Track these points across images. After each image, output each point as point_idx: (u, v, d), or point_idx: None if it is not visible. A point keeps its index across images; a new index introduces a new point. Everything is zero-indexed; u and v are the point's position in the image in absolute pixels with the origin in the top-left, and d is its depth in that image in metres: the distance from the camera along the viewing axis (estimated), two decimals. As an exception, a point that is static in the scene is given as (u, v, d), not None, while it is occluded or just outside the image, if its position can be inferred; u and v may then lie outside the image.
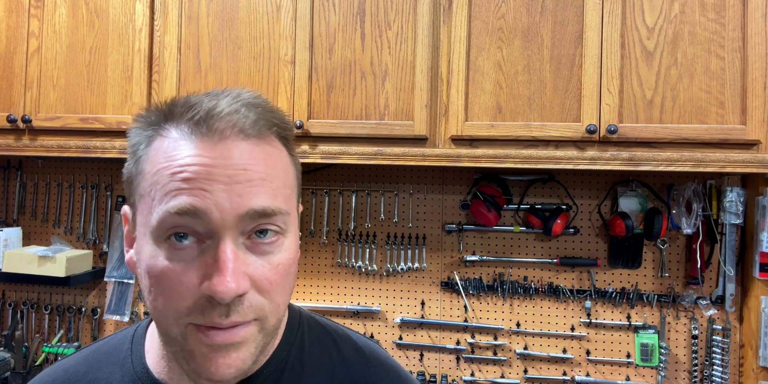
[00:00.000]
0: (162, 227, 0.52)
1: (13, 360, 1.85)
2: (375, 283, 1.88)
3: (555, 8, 1.46)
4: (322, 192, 1.90)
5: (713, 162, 1.39)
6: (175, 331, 0.54)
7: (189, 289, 0.52)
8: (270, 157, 0.56)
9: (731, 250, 1.64)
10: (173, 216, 0.52)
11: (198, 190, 0.52)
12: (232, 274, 0.51)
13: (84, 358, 0.69)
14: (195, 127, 0.54)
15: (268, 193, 0.54)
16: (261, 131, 0.56)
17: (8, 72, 1.71)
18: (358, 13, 1.54)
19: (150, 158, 0.55)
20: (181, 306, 0.52)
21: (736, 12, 1.39)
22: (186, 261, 0.53)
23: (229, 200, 0.52)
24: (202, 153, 0.53)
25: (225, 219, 0.52)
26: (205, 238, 0.53)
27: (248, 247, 0.54)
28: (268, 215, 0.54)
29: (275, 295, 0.55)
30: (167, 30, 1.62)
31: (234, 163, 0.53)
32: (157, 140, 0.56)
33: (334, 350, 0.69)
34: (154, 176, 0.54)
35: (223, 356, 0.53)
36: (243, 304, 0.52)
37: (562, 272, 1.78)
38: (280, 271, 0.55)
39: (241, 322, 0.53)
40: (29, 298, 2.06)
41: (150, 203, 0.54)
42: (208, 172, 0.52)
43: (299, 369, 0.65)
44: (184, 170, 0.52)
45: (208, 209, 0.51)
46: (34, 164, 2.07)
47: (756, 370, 1.57)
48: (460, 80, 1.49)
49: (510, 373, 1.79)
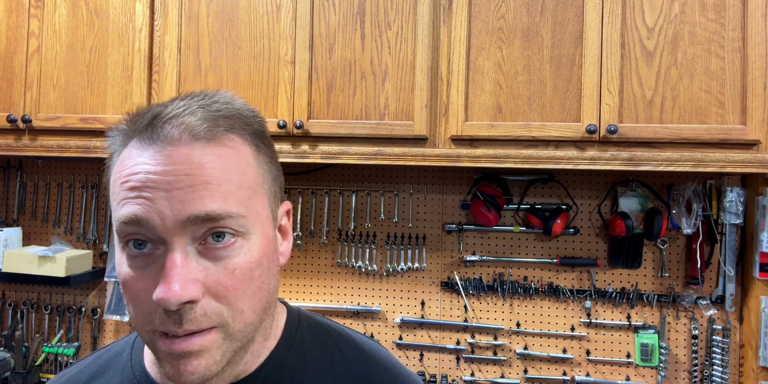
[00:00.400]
0: (119, 235, 0.54)
1: (13, 360, 1.85)
2: (375, 283, 1.88)
3: (555, 8, 1.46)
4: (322, 192, 1.90)
5: (713, 162, 1.39)
6: (146, 338, 0.55)
7: (147, 295, 0.52)
8: (220, 159, 0.55)
9: (731, 250, 1.64)
10: (123, 225, 0.53)
11: (140, 198, 0.52)
12: (177, 280, 0.50)
13: (87, 367, 0.70)
14: (143, 133, 0.55)
15: (214, 197, 0.53)
16: (211, 132, 0.55)
17: (8, 72, 1.71)
18: (358, 13, 1.54)
19: (113, 170, 0.57)
20: (144, 312, 0.53)
21: (736, 12, 1.39)
22: (142, 268, 0.53)
23: (170, 207, 0.51)
24: (146, 160, 0.53)
25: (167, 226, 0.51)
26: (158, 244, 0.53)
27: (201, 253, 0.53)
28: (214, 219, 0.53)
29: (235, 301, 0.54)
30: (167, 30, 1.62)
31: (175, 169, 0.52)
32: (122, 151, 0.57)
33: (335, 349, 0.69)
34: (113, 187, 0.56)
35: (184, 363, 0.52)
36: (196, 312, 0.51)
37: (562, 272, 1.78)
38: (237, 276, 0.54)
39: (195, 330, 0.52)
40: (29, 298, 2.06)
41: (113, 213, 0.55)
42: (149, 179, 0.52)
43: (301, 368, 0.65)
44: (129, 179, 0.53)
45: (149, 218, 0.51)
46: (34, 164, 2.07)
47: (756, 370, 1.57)
48: (460, 80, 1.49)
49: (510, 373, 1.79)
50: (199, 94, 0.58)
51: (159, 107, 0.56)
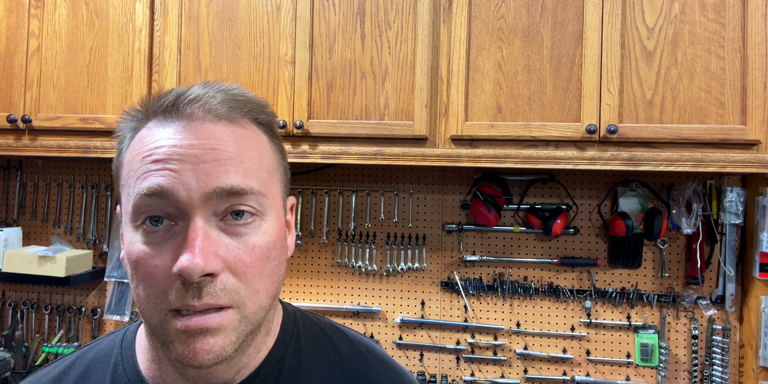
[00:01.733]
0: (137, 211, 0.53)
1: (13, 360, 1.85)
2: (375, 283, 1.88)
3: (555, 8, 1.46)
4: (322, 192, 1.90)
5: (713, 162, 1.39)
6: (156, 319, 0.53)
7: (164, 272, 0.52)
8: (242, 139, 0.57)
9: (731, 250, 1.64)
10: (144, 198, 0.53)
11: (165, 170, 0.52)
12: (200, 252, 0.50)
13: (70, 366, 0.66)
14: (166, 112, 0.56)
15: (239, 173, 0.54)
16: (232, 113, 0.57)
17: (8, 72, 1.71)
18: (358, 13, 1.54)
19: (130, 149, 0.58)
20: (157, 290, 0.52)
21: (736, 12, 1.39)
22: (159, 243, 0.53)
23: (196, 179, 0.52)
24: (170, 135, 0.54)
25: (192, 198, 0.52)
26: (177, 219, 0.53)
27: (222, 229, 0.54)
28: (238, 194, 0.53)
29: (252, 279, 0.54)
30: (167, 30, 1.62)
31: (201, 143, 0.54)
32: (138, 133, 0.58)
33: (331, 348, 0.69)
34: (131, 164, 0.56)
35: (200, 341, 0.52)
36: (216, 285, 0.52)
37: (562, 272, 1.78)
38: (256, 254, 0.55)
39: (215, 304, 0.52)
40: (29, 298, 2.06)
41: (128, 191, 0.55)
42: (175, 152, 0.53)
43: (297, 368, 0.65)
44: (153, 153, 0.54)
45: (174, 188, 0.52)
46: (34, 164, 2.07)
47: (756, 370, 1.57)
48: (460, 80, 1.49)
49: (510, 373, 1.79)
50: (216, 83, 0.60)
51: (180, 89, 0.57)
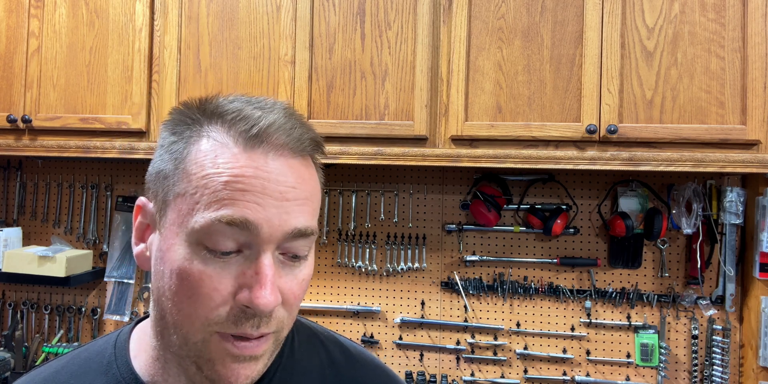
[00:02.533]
0: (205, 232, 0.52)
1: (13, 360, 1.85)
2: (375, 283, 1.88)
3: (555, 8, 1.46)
4: (322, 192, 1.89)
5: (713, 162, 1.39)
6: (198, 338, 0.53)
7: (223, 296, 0.52)
8: (311, 178, 0.58)
9: (731, 250, 1.64)
10: (221, 224, 0.51)
11: (251, 203, 0.52)
12: (273, 289, 0.52)
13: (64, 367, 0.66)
14: (250, 140, 0.54)
15: (310, 213, 0.56)
16: (306, 150, 0.57)
17: (8, 72, 1.71)
18: (358, 13, 1.54)
19: (196, 160, 0.54)
20: (211, 313, 0.52)
21: (736, 12, 1.39)
22: (222, 268, 0.53)
23: (279, 217, 0.53)
24: (257, 165, 0.53)
25: (272, 234, 0.52)
26: (244, 248, 0.53)
27: (281, 262, 0.55)
28: (306, 235, 0.55)
29: (294, 309, 0.57)
30: (167, 30, 1.62)
31: (286, 180, 0.54)
32: (203, 142, 0.55)
33: (323, 351, 0.70)
34: (203, 180, 0.53)
35: (245, 367, 0.54)
36: (272, 316, 0.54)
37: (562, 272, 1.78)
38: (303, 286, 0.58)
39: (267, 333, 0.54)
40: (29, 298, 2.06)
41: (193, 206, 0.53)
42: (263, 185, 0.52)
43: (290, 370, 0.66)
44: (239, 181, 0.52)
45: (259, 224, 0.52)
46: (34, 164, 2.07)
47: (756, 370, 1.57)
48: (460, 80, 1.49)
49: (510, 373, 1.79)
50: (285, 105, 0.59)
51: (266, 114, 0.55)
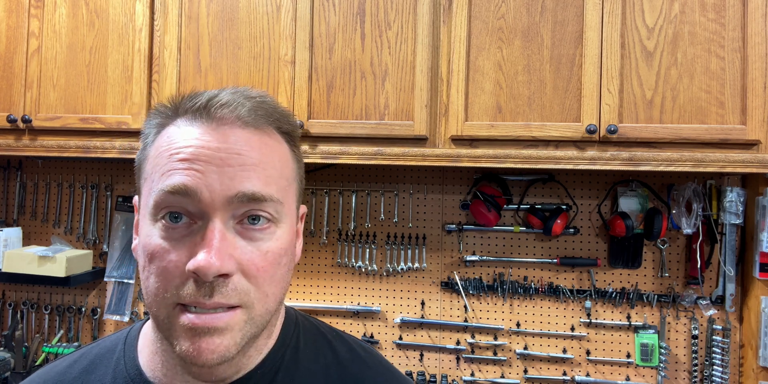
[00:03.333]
0: (157, 206, 0.55)
1: (13, 360, 1.85)
2: (375, 283, 1.88)
3: (555, 8, 1.46)
4: (322, 192, 1.90)
5: (713, 162, 1.39)
6: (164, 312, 0.55)
7: (177, 267, 0.53)
8: (266, 146, 0.58)
9: (731, 250, 1.64)
10: (167, 194, 0.54)
11: (191, 170, 0.54)
12: (217, 252, 0.52)
13: (76, 361, 0.69)
14: (196, 113, 0.57)
15: (261, 179, 0.56)
16: (258, 121, 0.59)
17: (8, 72, 1.71)
18: (358, 13, 1.54)
19: (155, 144, 0.59)
20: (169, 284, 0.54)
21: (736, 12, 1.39)
22: (177, 239, 0.54)
23: (220, 182, 0.54)
24: (199, 136, 0.56)
25: (214, 200, 0.54)
26: (197, 218, 0.55)
27: (238, 232, 0.55)
28: (258, 200, 0.55)
29: (262, 283, 0.56)
30: (167, 30, 1.62)
31: (228, 147, 0.55)
32: (165, 129, 0.59)
33: (329, 351, 0.70)
34: (156, 159, 0.57)
35: (206, 341, 0.53)
36: (227, 285, 0.53)
37: (562, 272, 1.78)
38: (269, 259, 0.56)
39: (225, 303, 0.53)
40: (29, 298, 2.06)
41: (150, 185, 0.57)
42: (202, 153, 0.55)
43: (293, 369, 0.66)
44: (180, 151, 0.55)
45: (198, 189, 0.53)
46: (34, 164, 2.07)
47: (756, 370, 1.57)
48: (460, 80, 1.49)
49: (510, 373, 1.79)
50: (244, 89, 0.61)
51: (211, 92, 0.59)
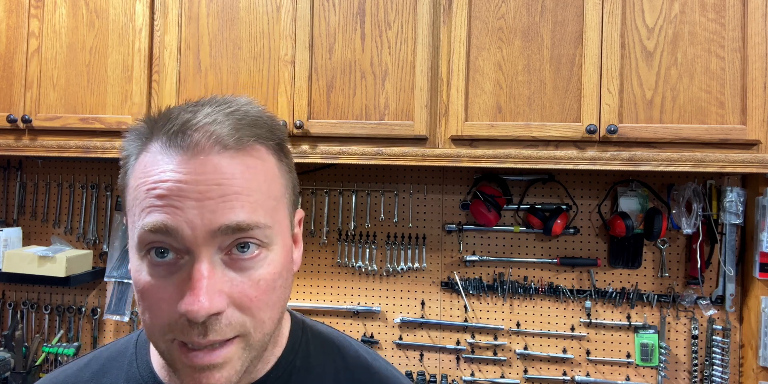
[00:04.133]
0: (142, 242, 0.52)
1: (13, 360, 1.84)
2: (375, 283, 1.88)
3: (555, 8, 1.46)
4: (322, 192, 1.90)
5: (713, 162, 1.39)
6: (162, 347, 0.54)
7: (169, 306, 0.51)
8: (249, 170, 0.54)
9: (731, 250, 1.64)
10: (148, 233, 0.51)
11: (169, 207, 0.51)
12: (206, 293, 0.50)
13: (87, 365, 0.69)
14: (171, 140, 0.53)
15: (245, 207, 0.53)
16: (240, 141, 0.54)
17: (8, 72, 1.71)
18: (358, 13, 1.54)
19: (134, 173, 0.55)
20: (162, 322, 0.52)
21: (736, 12, 1.39)
22: (165, 277, 0.52)
23: (201, 217, 0.51)
24: (175, 168, 0.52)
25: (197, 236, 0.51)
26: (182, 253, 0.52)
27: (227, 263, 0.53)
28: (243, 229, 0.52)
29: (258, 312, 0.54)
30: (167, 30, 1.62)
31: (207, 179, 0.52)
32: (142, 154, 0.55)
33: (338, 357, 0.70)
34: (134, 192, 0.54)
35: (206, 376, 0.52)
36: (221, 322, 0.51)
37: (562, 272, 1.78)
38: (261, 287, 0.54)
39: (220, 340, 0.52)
40: (29, 298, 2.06)
41: (133, 219, 0.54)
42: (179, 188, 0.51)
43: (306, 373, 0.66)
44: (157, 187, 0.52)
45: (179, 227, 0.51)
46: (34, 164, 2.07)
47: (756, 370, 1.57)
48: (460, 80, 1.49)
49: (510, 373, 1.79)
50: (223, 101, 0.57)
51: (186, 114, 0.54)
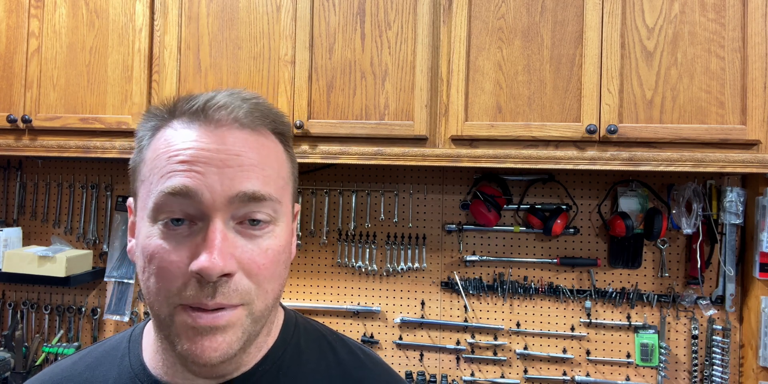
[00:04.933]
0: (157, 208, 0.55)
1: (13, 360, 1.85)
2: (375, 283, 1.88)
3: (555, 8, 1.46)
4: (322, 192, 1.90)
5: (713, 162, 1.39)
6: (165, 312, 0.55)
7: (179, 268, 0.54)
8: (263, 147, 0.59)
9: (731, 250, 1.64)
10: (167, 196, 0.55)
11: (191, 172, 0.55)
12: (219, 252, 0.53)
13: (81, 358, 0.70)
14: (193, 116, 0.58)
15: (260, 179, 0.57)
16: (255, 123, 0.59)
17: (8, 72, 1.71)
18: (358, 13, 1.54)
19: (152, 146, 0.59)
20: (171, 285, 0.54)
21: (736, 12, 1.39)
22: (178, 241, 0.55)
23: (221, 182, 0.55)
24: (197, 138, 0.57)
25: (215, 200, 0.54)
26: (197, 220, 0.55)
27: (238, 232, 0.56)
28: (258, 200, 0.56)
29: (263, 280, 0.57)
30: (167, 30, 1.62)
31: (227, 149, 0.56)
32: (160, 131, 0.60)
33: (330, 352, 0.70)
34: (154, 161, 0.58)
35: (209, 339, 0.54)
36: (229, 286, 0.54)
37: (562, 272, 1.78)
38: (269, 256, 0.57)
39: (227, 304, 0.54)
40: (29, 298, 2.06)
41: (149, 187, 0.57)
42: (202, 155, 0.55)
43: (296, 368, 0.66)
44: (179, 154, 0.56)
45: (199, 190, 0.54)
46: (34, 164, 2.07)
47: (756, 370, 1.57)
48: (460, 80, 1.49)
49: (510, 373, 1.79)
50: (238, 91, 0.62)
51: (207, 95, 0.59)
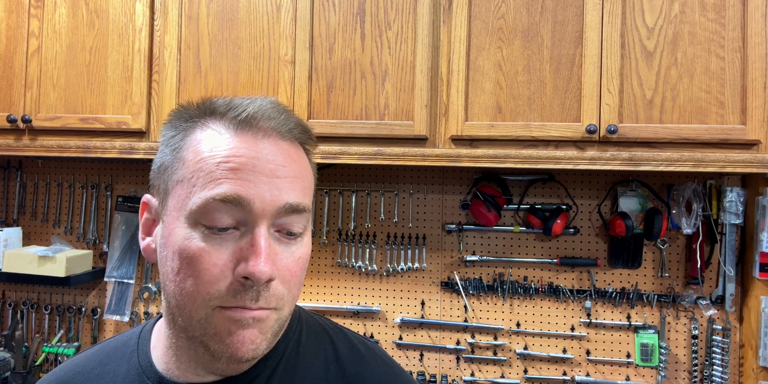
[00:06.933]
0: (202, 212, 0.56)
1: (13, 360, 1.85)
2: (375, 283, 1.88)
3: (555, 8, 1.46)
4: (322, 192, 1.90)
5: (713, 162, 1.39)
6: (201, 314, 0.56)
7: (222, 271, 0.56)
8: (301, 159, 0.62)
9: (731, 250, 1.64)
10: (216, 202, 0.56)
11: (243, 180, 0.56)
12: (267, 259, 0.55)
13: (93, 354, 0.73)
14: (240, 124, 0.59)
15: (301, 191, 0.60)
16: (292, 134, 0.62)
17: (8, 72, 1.71)
18: (358, 13, 1.54)
19: (191, 147, 0.60)
20: (212, 288, 0.56)
21: (736, 12, 1.39)
22: (220, 244, 0.56)
23: (270, 192, 0.57)
24: (247, 146, 0.58)
25: (264, 209, 0.56)
26: (240, 225, 0.57)
27: (276, 239, 0.59)
28: (299, 211, 0.59)
29: (293, 287, 0.60)
30: (167, 30, 1.62)
31: (275, 159, 0.58)
32: (198, 132, 0.60)
33: (330, 346, 0.71)
34: (198, 164, 0.58)
35: (249, 331, 0.56)
36: (270, 290, 0.57)
37: (562, 272, 1.78)
38: (300, 264, 0.60)
39: (266, 307, 0.57)
40: (29, 298, 2.06)
41: (190, 189, 0.57)
42: (253, 164, 0.57)
43: (294, 362, 0.67)
44: (230, 160, 0.57)
45: (251, 199, 0.56)
46: (34, 164, 2.07)
47: (756, 370, 1.57)
48: (460, 80, 1.49)
49: (510, 373, 1.79)
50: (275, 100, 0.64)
51: (253, 102, 0.61)
